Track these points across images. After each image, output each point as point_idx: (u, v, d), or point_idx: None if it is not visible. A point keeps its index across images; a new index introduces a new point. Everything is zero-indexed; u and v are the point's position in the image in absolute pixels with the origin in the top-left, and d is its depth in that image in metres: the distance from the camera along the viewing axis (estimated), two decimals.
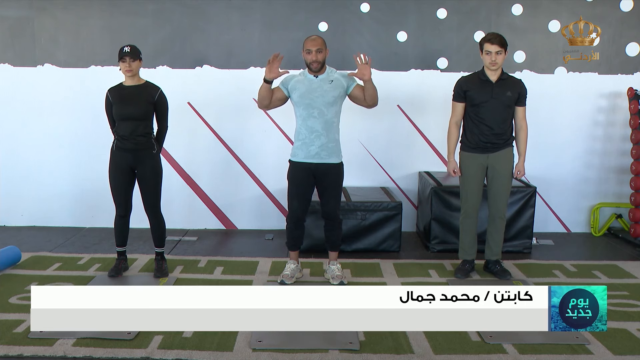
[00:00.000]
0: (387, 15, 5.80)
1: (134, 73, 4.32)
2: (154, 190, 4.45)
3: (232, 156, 5.97)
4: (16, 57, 5.80)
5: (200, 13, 5.78)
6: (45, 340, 3.40)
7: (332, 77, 4.21)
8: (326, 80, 4.19)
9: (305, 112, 4.17)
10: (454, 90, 4.52)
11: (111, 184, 4.44)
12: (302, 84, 4.18)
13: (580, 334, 3.58)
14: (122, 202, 4.46)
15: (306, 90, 4.15)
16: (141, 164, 4.38)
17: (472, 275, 4.65)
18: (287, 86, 4.23)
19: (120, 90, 4.37)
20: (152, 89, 4.39)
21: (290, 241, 4.47)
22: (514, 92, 4.40)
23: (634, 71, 5.88)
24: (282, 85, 4.25)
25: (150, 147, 4.39)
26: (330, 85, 4.17)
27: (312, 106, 4.15)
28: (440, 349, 3.38)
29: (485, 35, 4.37)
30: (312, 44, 4.13)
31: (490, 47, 4.28)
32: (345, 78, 4.26)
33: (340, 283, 4.36)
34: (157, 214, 4.53)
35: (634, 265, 4.97)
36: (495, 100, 4.37)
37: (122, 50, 4.28)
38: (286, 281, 4.39)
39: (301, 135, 4.22)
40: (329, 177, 4.27)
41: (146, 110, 4.34)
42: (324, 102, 4.16)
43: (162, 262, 4.61)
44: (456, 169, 4.55)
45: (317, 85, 4.17)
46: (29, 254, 5.01)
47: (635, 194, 5.57)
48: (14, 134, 5.89)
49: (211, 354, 3.30)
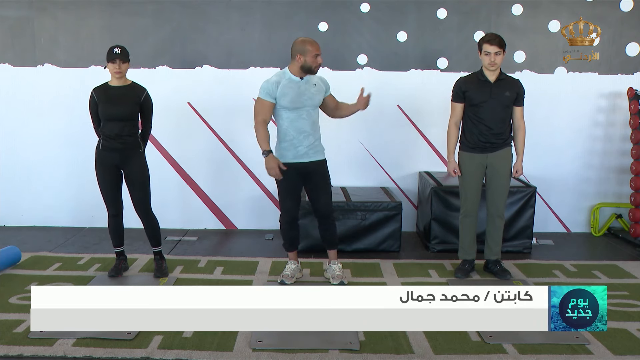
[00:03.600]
0: (387, 15, 5.80)
1: (123, 75, 4.31)
2: (143, 189, 4.43)
3: (232, 156, 5.97)
4: (16, 57, 5.80)
5: (200, 13, 5.78)
6: (45, 340, 3.40)
7: (314, 81, 4.24)
8: (310, 83, 4.21)
9: (293, 114, 4.17)
10: (452, 90, 4.52)
11: (100, 184, 4.42)
12: (290, 89, 4.14)
13: (580, 334, 3.58)
14: (112, 201, 4.43)
15: (295, 94, 4.14)
16: (128, 163, 4.36)
17: (472, 275, 4.65)
18: (275, 95, 4.15)
19: (106, 90, 4.34)
20: (139, 90, 4.38)
21: (288, 242, 4.47)
22: (512, 92, 4.41)
23: (634, 71, 5.87)
24: (270, 98, 4.17)
25: (136, 147, 4.38)
26: (315, 89, 4.22)
27: (301, 109, 4.18)
28: (440, 349, 3.38)
29: (484, 36, 4.37)
30: (319, 48, 4.18)
31: (489, 48, 4.28)
32: (322, 82, 4.32)
33: (340, 283, 4.36)
34: (148, 213, 4.50)
35: (634, 265, 4.97)
36: (494, 101, 4.37)
37: (112, 51, 4.25)
38: (286, 281, 4.39)
39: (288, 136, 4.21)
40: (317, 174, 4.29)
41: (132, 110, 4.33)
42: (312, 104, 4.22)
43: (162, 262, 4.61)
44: (456, 169, 4.55)
45: (304, 88, 4.18)
46: (29, 254, 5.01)
47: (635, 194, 5.57)
48: (14, 134, 5.89)
49: (211, 354, 3.30)
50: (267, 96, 4.16)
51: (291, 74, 4.18)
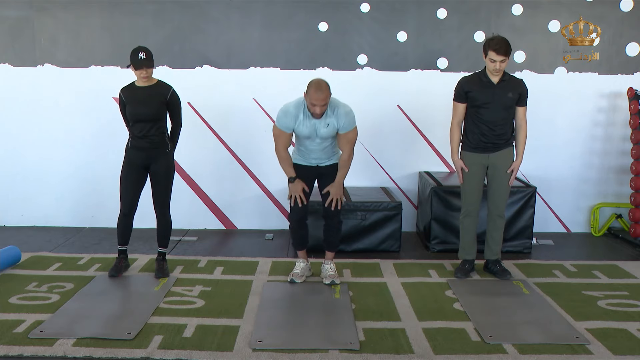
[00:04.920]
0: (387, 15, 5.80)
1: (149, 77, 4.37)
2: (166, 189, 4.50)
3: (232, 156, 5.97)
4: (16, 57, 5.80)
5: (200, 13, 5.78)
6: (45, 340, 3.40)
7: (329, 121, 4.17)
8: (323, 123, 4.17)
9: (307, 141, 4.27)
10: (455, 90, 4.51)
11: (122, 181, 4.47)
12: (305, 126, 4.17)
13: (580, 334, 3.58)
14: (128, 200, 4.47)
15: (308, 132, 4.19)
16: (155, 162, 4.42)
17: (472, 276, 4.65)
18: (293, 128, 4.22)
19: (133, 91, 4.40)
20: (164, 89, 4.43)
21: (297, 240, 4.52)
22: (514, 93, 4.40)
23: (634, 71, 5.87)
24: (288, 130, 4.23)
25: (164, 146, 4.45)
26: (326, 129, 4.19)
27: (313, 138, 4.24)
28: (440, 349, 3.38)
29: (492, 42, 4.28)
30: (319, 99, 4.01)
31: (495, 57, 4.25)
32: (337, 120, 4.17)
33: (331, 282, 4.39)
34: (166, 213, 4.56)
35: (634, 265, 4.97)
36: (496, 102, 4.36)
37: (137, 57, 4.26)
38: (296, 280, 4.44)
39: (302, 147, 4.34)
40: (329, 176, 4.37)
41: (159, 110, 4.39)
42: (322, 138, 4.24)
43: (163, 263, 4.61)
44: (464, 166, 4.53)
45: (318, 126, 4.19)
46: (29, 254, 5.01)
47: (635, 194, 5.57)
48: (14, 134, 5.89)
49: (211, 354, 3.30)
50: (286, 129, 4.22)
51: (307, 110, 4.16)
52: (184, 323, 3.68)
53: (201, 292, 4.23)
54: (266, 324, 3.70)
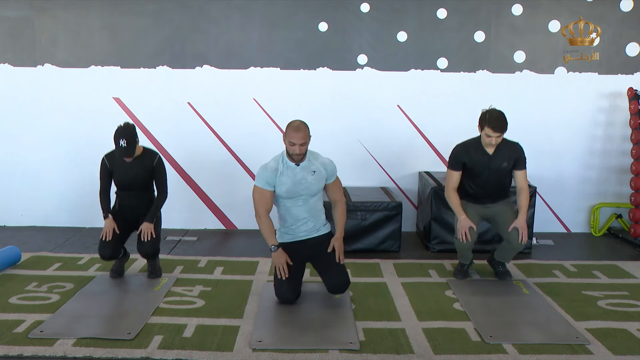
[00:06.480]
0: (387, 15, 5.80)
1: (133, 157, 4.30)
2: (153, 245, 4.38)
3: (232, 156, 5.97)
4: (16, 57, 5.80)
5: (200, 13, 5.78)
6: (45, 340, 3.40)
7: (314, 167, 3.95)
8: (308, 170, 3.94)
9: (289, 202, 3.97)
10: (450, 159, 4.45)
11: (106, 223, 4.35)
12: (287, 177, 3.91)
13: (580, 334, 3.58)
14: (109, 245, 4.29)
15: (292, 183, 3.91)
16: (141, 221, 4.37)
17: (472, 275, 4.65)
18: (274, 184, 3.93)
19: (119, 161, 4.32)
20: (150, 157, 4.39)
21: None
22: (510, 162, 4.36)
23: (634, 71, 5.87)
24: (269, 186, 3.94)
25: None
26: (313, 177, 3.94)
27: (297, 198, 3.96)
28: (440, 349, 3.38)
29: (489, 118, 4.19)
30: (297, 137, 3.79)
31: (492, 134, 4.20)
32: (325, 169, 4.01)
33: None
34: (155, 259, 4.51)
35: (634, 265, 4.97)
36: (492, 172, 4.37)
37: (119, 144, 4.14)
38: None
39: (287, 222, 4.05)
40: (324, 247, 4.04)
41: (145, 178, 4.36)
42: (308, 193, 3.97)
43: (155, 261, 4.56)
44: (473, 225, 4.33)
45: (300, 176, 3.93)
46: (29, 254, 5.01)
47: (635, 194, 5.57)
48: (14, 134, 5.89)
49: (211, 354, 3.30)
50: (266, 185, 3.92)
51: (287, 159, 3.93)
52: (184, 323, 3.68)
53: (201, 292, 4.23)
54: (266, 324, 3.70)
